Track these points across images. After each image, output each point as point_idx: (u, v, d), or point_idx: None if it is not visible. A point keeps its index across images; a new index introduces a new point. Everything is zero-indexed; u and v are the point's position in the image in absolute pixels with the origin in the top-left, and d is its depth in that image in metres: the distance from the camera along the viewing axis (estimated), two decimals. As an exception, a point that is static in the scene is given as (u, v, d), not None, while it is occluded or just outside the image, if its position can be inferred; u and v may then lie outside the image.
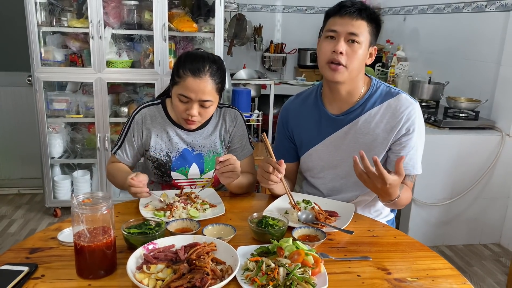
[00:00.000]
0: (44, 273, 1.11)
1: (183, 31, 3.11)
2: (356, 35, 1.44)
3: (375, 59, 1.56)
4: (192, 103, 1.58)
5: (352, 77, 1.50)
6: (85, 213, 1.08)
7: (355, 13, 1.44)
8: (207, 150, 1.75)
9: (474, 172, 2.91)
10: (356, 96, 1.56)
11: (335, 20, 1.47)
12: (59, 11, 3.04)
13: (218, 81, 1.61)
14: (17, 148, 3.69)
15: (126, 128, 1.73)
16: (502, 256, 2.91)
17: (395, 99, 1.52)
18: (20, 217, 3.29)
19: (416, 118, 1.51)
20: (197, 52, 1.64)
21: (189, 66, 1.57)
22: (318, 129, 1.61)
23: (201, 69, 1.56)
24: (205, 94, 1.57)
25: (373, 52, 1.52)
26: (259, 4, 4.85)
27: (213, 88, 1.59)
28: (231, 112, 1.78)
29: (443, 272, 1.17)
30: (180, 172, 1.74)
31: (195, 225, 1.33)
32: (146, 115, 1.72)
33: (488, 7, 3.08)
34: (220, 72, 1.62)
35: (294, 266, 1.07)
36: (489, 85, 3.05)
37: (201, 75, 1.56)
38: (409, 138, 1.52)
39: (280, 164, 1.42)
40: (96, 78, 3.05)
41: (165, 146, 1.72)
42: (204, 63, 1.58)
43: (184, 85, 1.57)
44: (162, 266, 1.08)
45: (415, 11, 3.99)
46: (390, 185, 1.31)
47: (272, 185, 1.45)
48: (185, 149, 1.73)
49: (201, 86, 1.56)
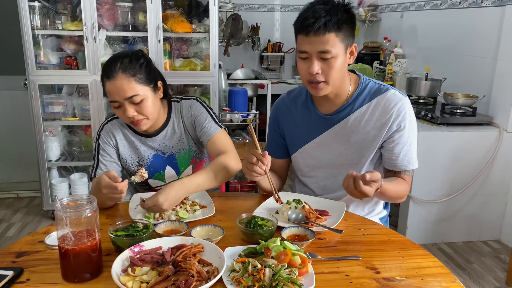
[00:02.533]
0: (30, 277, 1.10)
1: (178, 32, 3.10)
2: (328, 52, 1.38)
3: (373, 56, 1.55)
4: (124, 105, 1.53)
5: (336, 86, 1.48)
6: (69, 216, 1.07)
7: (321, 29, 1.35)
8: (177, 149, 1.72)
9: (472, 168, 2.89)
10: (344, 95, 1.54)
11: (302, 39, 1.40)
12: (53, 14, 3.05)
13: (132, 73, 1.53)
14: (16, 152, 3.70)
15: (97, 149, 1.68)
16: (502, 253, 2.89)
17: (384, 96, 1.51)
18: (18, 220, 3.29)
19: (406, 113, 1.49)
20: (113, 55, 1.59)
21: (103, 72, 1.55)
22: (308, 128, 1.60)
23: (112, 69, 1.52)
24: (126, 91, 1.51)
25: (353, 50, 1.46)
26: (256, 4, 4.85)
27: (131, 81, 1.52)
28: (186, 103, 1.72)
29: (433, 271, 1.15)
30: (156, 178, 1.73)
31: (184, 227, 1.32)
32: (110, 129, 1.69)
33: (484, 2, 3.06)
34: (133, 64, 1.54)
35: (281, 267, 1.06)
36: (486, 81, 3.02)
37: (113, 74, 1.51)
38: (401, 134, 1.50)
39: (264, 155, 1.38)
40: (92, 80, 3.05)
41: (135, 156, 1.70)
42: (114, 63, 1.53)
43: (107, 92, 1.55)
44: (147, 269, 1.07)
45: (412, 7, 3.97)
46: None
47: (256, 176, 1.42)
48: (155, 155, 1.71)
49: (117, 85, 1.51)
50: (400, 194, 1.53)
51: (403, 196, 1.55)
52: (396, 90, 1.53)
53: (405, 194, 1.55)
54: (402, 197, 1.55)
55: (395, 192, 1.49)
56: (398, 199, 1.56)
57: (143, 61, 1.58)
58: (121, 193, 1.39)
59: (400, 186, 1.52)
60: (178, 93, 3.43)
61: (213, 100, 3.21)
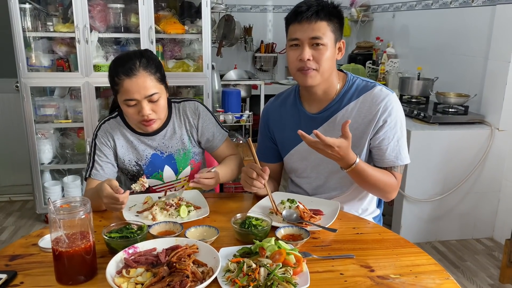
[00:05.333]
0: (23, 280, 1.10)
1: (170, 33, 3.10)
2: (319, 38, 1.43)
3: (365, 56, 1.56)
4: (141, 103, 1.53)
5: (325, 77, 1.49)
6: (63, 219, 1.07)
7: (313, 16, 1.42)
8: (176, 149, 1.72)
9: (464, 167, 2.91)
10: (332, 93, 1.55)
11: (294, 27, 1.45)
12: (44, 16, 3.03)
13: (153, 71, 1.55)
14: (8, 155, 3.67)
15: (93, 148, 1.66)
16: (495, 250, 2.91)
17: (371, 92, 1.51)
18: (11, 224, 3.26)
19: (392, 109, 1.49)
20: (123, 54, 1.59)
21: (120, 70, 1.53)
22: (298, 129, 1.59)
23: (133, 67, 1.52)
24: (148, 88, 1.52)
25: (341, 46, 1.51)
26: (249, 5, 4.85)
27: (152, 79, 1.54)
28: (191, 104, 1.73)
29: (427, 268, 1.16)
30: (155, 178, 1.72)
31: (178, 228, 1.32)
32: (107, 129, 1.67)
33: (474, 2, 3.08)
34: (152, 62, 1.56)
35: (275, 266, 1.06)
36: (477, 80, 3.05)
37: (135, 72, 1.51)
38: (387, 129, 1.50)
39: (264, 171, 1.42)
40: (84, 82, 3.03)
41: (133, 156, 1.69)
42: (133, 61, 1.53)
43: (124, 90, 1.52)
44: (142, 270, 1.07)
45: (403, 7, 4.00)
46: (339, 148, 1.34)
47: (255, 190, 1.47)
48: (154, 154, 1.70)
49: (139, 82, 1.51)
50: (384, 186, 1.50)
51: (389, 190, 1.52)
52: (383, 86, 1.54)
53: (390, 188, 1.52)
54: (388, 191, 1.52)
55: (375, 178, 1.46)
56: (384, 193, 1.53)
57: (157, 61, 1.60)
58: (122, 204, 1.37)
59: (384, 176, 1.49)
60: (171, 94, 3.42)
61: (206, 101, 3.21)
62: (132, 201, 1.52)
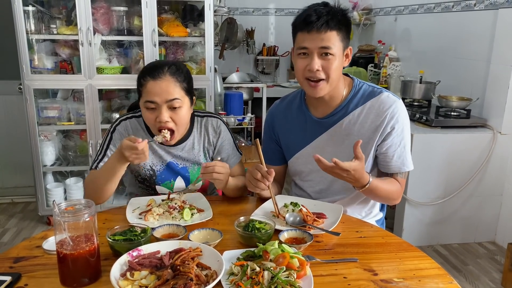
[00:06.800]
0: (28, 283, 1.10)
1: (173, 36, 3.11)
2: (329, 48, 1.41)
3: (367, 59, 1.57)
4: (160, 108, 1.51)
5: (333, 86, 1.49)
6: (67, 221, 1.07)
7: (323, 26, 1.39)
8: (191, 163, 1.70)
9: (467, 170, 2.91)
10: (339, 98, 1.55)
11: (303, 35, 1.43)
12: (48, 19, 3.04)
13: (180, 79, 1.55)
14: (10, 157, 3.67)
15: (108, 140, 1.63)
16: (497, 254, 2.90)
17: (378, 98, 1.52)
18: (13, 226, 3.27)
19: (399, 116, 1.51)
20: (156, 61, 1.60)
21: (148, 72, 1.54)
22: (304, 133, 1.60)
23: (160, 71, 1.53)
24: (170, 93, 1.51)
25: (349, 53, 1.50)
26: (251, 8, 4.86)
27: (177, 86, 1.53)
28: (213, 121, 1.72)
29: (430, 272, 1.16)
30: (165, 186, 1.69)
31: (182, 231, 1.32)
32: (128, 127, 1.65)
33: (477, 6, 3.09)
34: (181, 71, 1.56)
35: (279, 270, 1.06)
36: (480, 83, 3.05)
37: (161, 75, 1.52)
38: (395, 136, 1.51)
39: (269, 173, 1.42)
40: (87, 85, 3.04)
41: (149, 159, 1.66)
42: (162, 66, 1.54)
43: (146, 91, 1.52)
44: (146, 273, 1.07)
45: (405, 11, 4.00)
46: (355, 171, 1.34)
47: (258, 191, 1.48)
48: (171, 162, 1.68)
49: (163, 86, 1.51)
50: (392, 195, 1.53)
51: (395, 198, 1.55)
52: (390, 92, 1.55)
53: (397, 195, 1.55)
54: (394, 198, 1.55)
55: (385, 191, 1.50)
56: (390, 200, 1.56)
57: (188, 73, 1.61)
58: (143, 153, 1.38)
59: (392, 186, 1.52)
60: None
61: (208, 104, 3.22)
62: (135, 204, 1.52)
